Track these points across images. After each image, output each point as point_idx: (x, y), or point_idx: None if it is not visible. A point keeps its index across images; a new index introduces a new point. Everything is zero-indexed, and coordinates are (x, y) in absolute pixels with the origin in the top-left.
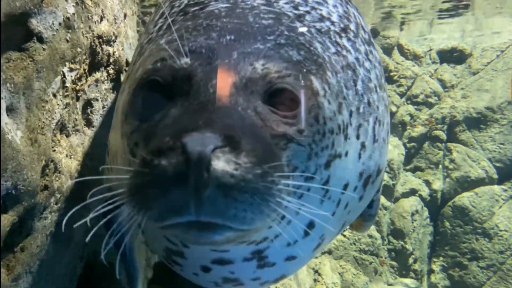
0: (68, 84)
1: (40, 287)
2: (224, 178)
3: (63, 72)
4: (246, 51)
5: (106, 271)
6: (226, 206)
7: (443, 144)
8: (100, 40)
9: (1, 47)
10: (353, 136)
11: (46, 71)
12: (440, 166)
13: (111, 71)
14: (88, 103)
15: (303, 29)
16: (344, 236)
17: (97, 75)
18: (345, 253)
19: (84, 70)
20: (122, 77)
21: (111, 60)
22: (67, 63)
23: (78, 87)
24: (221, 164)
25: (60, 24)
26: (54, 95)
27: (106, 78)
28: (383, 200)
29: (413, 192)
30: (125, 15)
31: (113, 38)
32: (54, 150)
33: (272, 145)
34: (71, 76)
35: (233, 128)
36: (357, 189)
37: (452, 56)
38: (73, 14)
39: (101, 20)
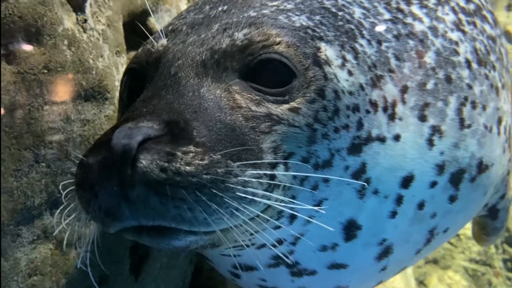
0: None
1: None
2: (152, 173)
3: None
4: (231, 21)
5: (213, 272)
6: (163, 206)
7: None
8: None
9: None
10: (409, 116)
11: None
12: None
13: None
14: None
15: None
16: (451, 244)
17: None
18: (453, 262)
19: None
20: None
21: None
22: None
23: None
24: (150, 157)
25: None
26: None
27: None
28: None
29: None
30: None
31: None
32: None
33: (245, 129)
34: None
35: (181, 113)
36: (439, 186)
37: None
38: None
39: None
